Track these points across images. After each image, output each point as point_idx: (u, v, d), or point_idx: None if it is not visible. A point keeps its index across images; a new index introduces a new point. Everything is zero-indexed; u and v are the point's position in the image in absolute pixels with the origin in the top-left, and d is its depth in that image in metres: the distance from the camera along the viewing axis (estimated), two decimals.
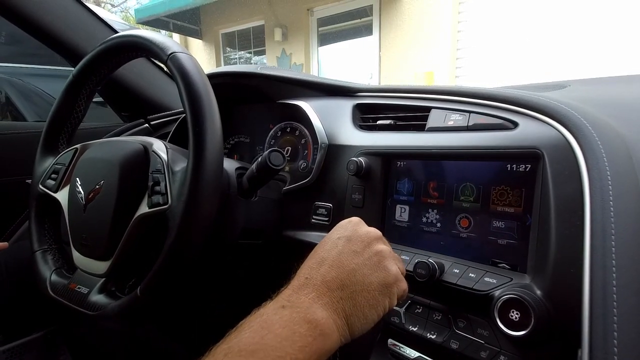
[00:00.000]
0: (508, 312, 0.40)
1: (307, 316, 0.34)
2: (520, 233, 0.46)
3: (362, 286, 0.38)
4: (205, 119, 0.49)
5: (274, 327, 0.32)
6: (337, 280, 0.37)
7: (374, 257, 0.40)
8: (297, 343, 0.32)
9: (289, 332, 0.32)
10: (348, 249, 0.40)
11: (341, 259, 0.39)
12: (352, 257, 0.39)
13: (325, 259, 0.40)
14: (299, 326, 0.33)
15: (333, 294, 0.37)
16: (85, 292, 0.57)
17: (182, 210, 0.48)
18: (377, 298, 0.38)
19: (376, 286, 0.38)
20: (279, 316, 0.33)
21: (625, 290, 0.33)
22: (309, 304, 0.35)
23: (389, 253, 0.42)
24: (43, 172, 0.67)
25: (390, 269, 0.40)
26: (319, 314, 0.35)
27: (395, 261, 0.42)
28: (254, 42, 6.30)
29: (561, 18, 3.61)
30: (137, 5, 9.28)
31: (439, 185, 0.55)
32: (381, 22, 4.75)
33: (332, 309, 0.36)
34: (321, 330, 0.33)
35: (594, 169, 0.38)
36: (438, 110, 0.57)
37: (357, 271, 0.38)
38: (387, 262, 0.40)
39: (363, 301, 0.37)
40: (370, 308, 0.37)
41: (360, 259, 0.39)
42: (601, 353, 0.31)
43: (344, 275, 0.38)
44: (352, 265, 0.39)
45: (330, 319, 0.35)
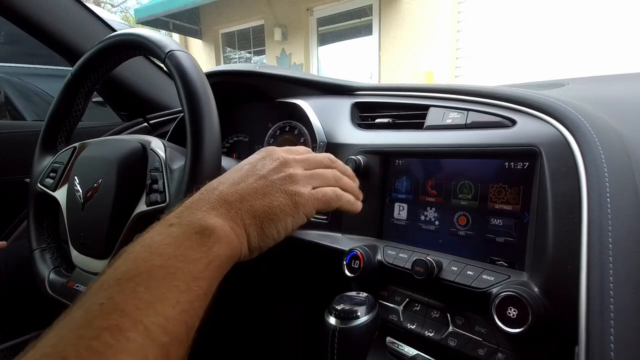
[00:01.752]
0: (506, 309, 0.40)
1: (199, 227, 0.31)
2: (518, 230, 0.46)
3: (263, 202, 0.36)
4: (203, 117, 0.49)
5: (159, 248, 0.28)
6: (236, 195, 0.35)
7: (280, 180, 0.38)
8: (189, 256, 0.28)
9: (177, 249, 0.29)
10: (252, 172, 0.39)
11: (243, 178, 0.37)
12: (256, 178, 0.38)
13: (225, 179, 0.37)
14: (190, 240, 0.30)
15: (230, 206, 0.34)
16: (84, 290, 0.57)
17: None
18: (278, 214, 0.36)
19: (278, 204, 0.36)
20: (165, 234, 0.30)
21: (621, 287, 0.33)
22: (200, 216, 0.32)
23: (302, 177, 0.40)
24: (41, 171, 0.67)
25: (299, 191, 0.38)
26: (214, 221, 0.32)
27: (310, 185, 0.40)
28: (254, 42, 6.30)
29: (560, 18, 3.61)
30: (136, 5, 9.30)
31: (437, 183, 0.55)
32: (381, 21, 4.76)
33: (229, 218, 0.33)
34: (217, 237, 0.31)
35: (592, 166, 0.38)
36: (436, 108, 0.57)
37: (259, 190, 0.37)
38: (295, 185, 0.38)
39: (263, 215, 0.35)
40: (270, 222, 0.36)
41: (264, 181, 0.37)
42: (598, 350, 0.31)
43: (242, 191, 0.36)
44: (254, 185, 0.37)
45: (227, 226, 0.32)
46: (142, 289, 0.25)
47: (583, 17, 3.48)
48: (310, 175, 0.41)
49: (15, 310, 0.91)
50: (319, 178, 0.41)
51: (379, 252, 0.55)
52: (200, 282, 0.28)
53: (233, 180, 0.37)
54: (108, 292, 0.25)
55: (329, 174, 0.43)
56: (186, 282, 0.27)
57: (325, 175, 0.42)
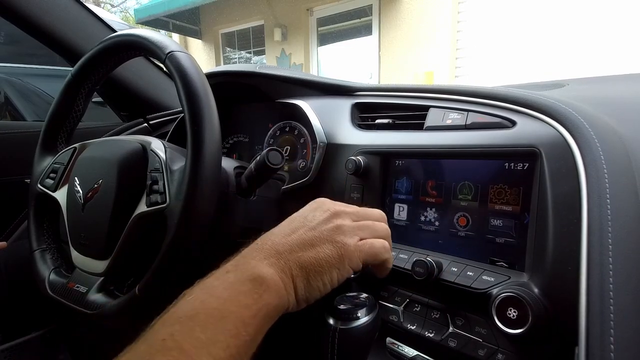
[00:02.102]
0: (506, 310, 0.40)
1: (251, 275, 0.33)
2: (518, 231, 0.46)
3: (310, 253, 0.37)
4: (204, 118, 0.49)
5: (216, 291, 0.31)
6: (286, 246, 0.37)
7: (329, 231, 0.39)
8: (241, 302, 0.30)
9: (232, 293, 0.31)
10: (303, 224, 0.40)
11: (294, 230, 0.39)
12: (306, 229, 0.39)
13: (278, 231, 0.39)
14: (243, 285, 0.32)
15: (281, 256, 0.36)
16: (84, 291, 0.57)
17: (180, 209, 0.48)
18: (324, 267, 0.37)
19: (324, 255, 0.37)
20: (222, 280, 0.32)
21: (621, 288, 0.33)
22: (254, 264, 0.34)
23: (350, 228, 0.41)
24: (42, 172, 0.67)
25: (346, 242, 0.39)
26: (265, 270, 0.34)
27: (358, 236, 0.41)
28: (254, 42, 6.30)
29: (560, 18, 3.61)
30: (136, 5, 9.29)
31: (438, 184, 0.55)
32: (381, 22, 4.76)
33: (279, 268, 0.35)
34: (267, 286, 0.32)
35: (592, 167, 0.38)
36: (436, 109, 0.57)
37: (307, 240, 0.38)
38: (342, 236, 0.39)
39: (309, 266, 0.36)
40: (316, 274, 0.37)
41: (314, 232, 0.39)
42: (598, 350, 0.31)
43: (293, 243, 0.38)
44: (304, 236, 0.38)
45: (276, 276, 0.34)
46: (198, 329, 0.27)
47: (583, 17, 3.48)
48: (358, 226, 0.41)
49: (15, 311, 0.91)
50: (367, 230, 0.42)
51: None
52: (249, 328, 0.30)
53: (285, 232, 0.39)
54: (169, 329, 0.27)
55: (378, 226, 0.43)
56: (237, 327, 0.29)
57: (375, 227, 0.43)
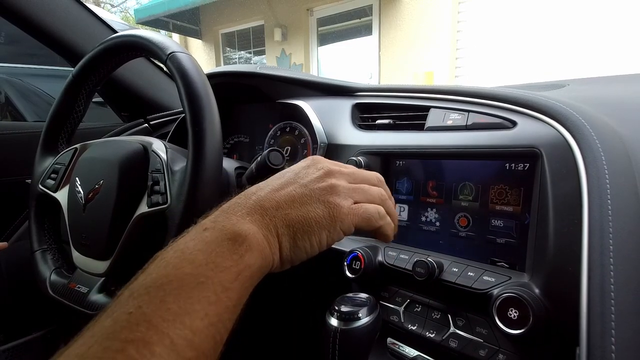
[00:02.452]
0: (507, 310, 0.40)
1: (231, 233, 0.29)
2: (519, 232, 0.46)
3: (299, 211, 0.34)
4: (205, 118, 0.49)
5: (190, 254, 0.27)
6: (273, 201, 0.34)
7: (321, 190, 0.36)
8: (219, 264, 0.27)
9: (209, 255, 0.28)
10: (294, 180, 0.37)
11: (283, 185, 0.36)
12: (297, 186, 0.36)
13: (265, 185, 0.36)
14: (221, 246, 0.28)
15: (266, 212, 0.33)
16: (85, 291, 0.57)
17: (181, 209, 0.48)
18: (313, 227, 0.34)
19: (315, 215, 0.34)
20: (198, 239, 0.29)
21: (622, 288, 0.33)
22: (235, 221, 0.31)
23: (344, 189, 0.37)
24: (43, 172, 0.67)
25: (339, 203, 0.36)
26: (247, 227, 0.30)
27: (352, 199, 0.37)
28: (254, 42, 6.30)
29: (560, 18, 3.61)
30: (136, 5, 9.30)
31: (438, 184, 0.55)
32: (381, 22, 4.76)
33: (264, 225, 0.32)
34: (249, 245, 0.29)
35: (592, 167, 0.38)
36: (437, 109, 0.57)
37: (296, 198, 0.35)
38: (335, 196, 0.36)
39: (297, 225, 0.33)
40: (304, 234, 0.34)
41: (304, 189, 0.36)
42: (599, 351, 0.31)
43: (279, 198, 0.34)
44: (293, 192, 0.35)
45: (260, 234, 0.31)
46: (170, 299, 0.24)
47: (583, 17, 3.48)
48: (353, 188, 0.38)
49: (16, 311, 0.91)
50: (363, 193, 0.39)
51: (380, 253, 0.55)
52: (230, 293, 0.27)
53: (273, 187, 0.36)
54: (137, 300, 0.24)
55: (374, 191, 0.40)
56: (216, 292, 0.26)
57: (371, 191, 0.39)
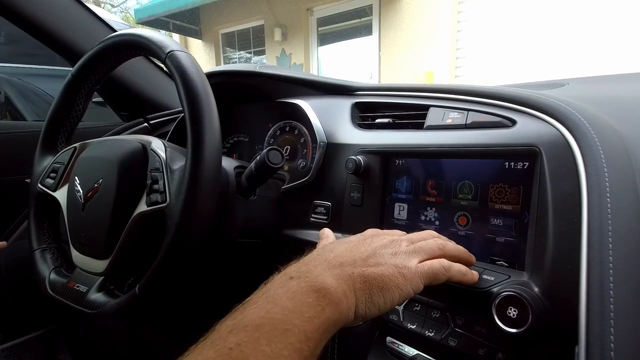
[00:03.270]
0: (506, 309, 0.40)
1: (315, 285, 0.33)
2: (519, 230, 0.46)
3: (375, 269, 0.37)
4: (204, 117, 0.49)
5: (280, 300, 0.31)
6: (350, 259, 0.37)
7: (389, 255, 0.39)
8: (305, 314, 0.30)
9: (296, 304, 0.31)
10: (363, 243, 0.41)
11: (356, 246, 0.39)
12: (367, 248, 0.39)
13: (341, 242, 0.40)
14: (307, 296, 0.32)
15: (344, 268, 0.36)
16: (84, 290, 0.57)
17: (180, 208, 0.48)
18: (388, 284, 0.36)
19: (388, 274, 0.37)
20: (286, 288, 0.32)
21: (622, 287, 0.33)
22: (318, 273, 0.34)
23: (408, 251, 0.41)
24: (42, 171, 0.67)
25: (406, 264, 0.39)
26: (329, 282, 0.33)
27: (417, 258, 0.40)
28: (254, 42, 6.29)
29: (560, 17, 3.61)
30: (136, 5, 9.30)
31: (438, 183, 0.55)
32: (381, 22, 4.75)
33: (343, 279, 0.35)
34: (330, 299, 0.32)
35: (592, 166, 0.38)
36: (436, 108, 0.57)
37: (371, 257, 0.38)
38: (402, 260, 0.39)
39: (373, 282, 0.36)
40: (379, 291, 0.36)
41: (375, 254, 0.39)
42: (598, 349, 0.31)
43: (357, 256, 0.37)
44: (368, 250, 0.39)
45: (340, 289, 0.34)
46: (264, 342, 0.27)
47: (583, 17, 3.48)
48: (414, 249, 0.41)
49: (15, 310, 0.91)
50: (423, 251, 0.42)
51: None
52: (310, 342, 0.30)
53: (347, 246, 0.40)
54: (236, 338, 0.28)
55: (432, 244, 0.43)
56: (300, 341, 0.29)
57: (429, 246, 0.43)
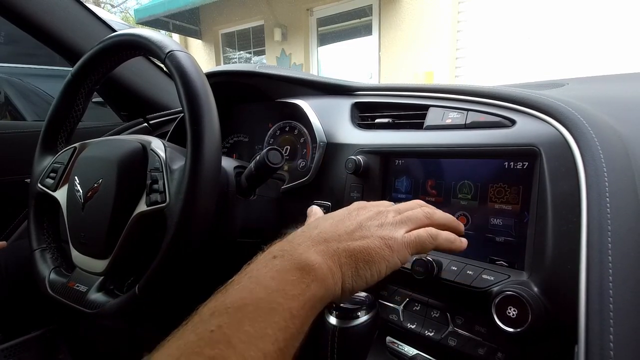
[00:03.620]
0: (505, 309, 0.40)
1: (299, 262, 0.32)
2: (518, 230, 0.46)
3: (360, 242, 0.36)
4: (203, 117, 0.49)
5: (264, 280, 0.31)
6: (335, 234, 0.37)
7: (375, 227, 0.39)
8: (289, 292, 0.30)
9: (280, 282, 0.30)
10: (347, 218, 0.40)
11: (341, 220, 0.39)
12: (353, 222, 0.39)
13: (324, 219, 0.39)
14: (291, 274, 0.31)
15: (329, 244, 0.36)
16: (84, 290, 0.57)
17: (180, 208, 0.48)
18: (374, 257, 0.36)
19: (374, 246, 0.37)
20: (270, 267, 0.32)
21: (621, 286, 0.33)
22: (302, 250, 0.34)
23: (395, 222, 0.40)
24: (42, 171, 0.67)
25: (392, 235, 0.38)
26: (313, 258, 0.33)
27: (403, 229, 0.40)
28: (254, 42, 6.29)
29: (560, 18, 3.61)
30: (136, 6, 9.29)
31: (437, 183, 0.55)
32: (381, 22, 4.75)
33: (328, 255, 0.35)
34: (315, 275, 0.32)
35: (591, 165, 0.38)
36: (436, 108, 0.57)
37: (357, 230, 0.38)
38: (389, 231, 0.39)
39: (359, 255, 0.36)
40: (365, 264, 0.36)
41: (361, 227, 0.38)
42: (597, 349, 0.31)
43: (342, 231, 0.37)
44: (351, 227, 0.38)
45: (325, 265, 0.33)
46: (247, 322, 0.27)
47: (583, 17, 3.48)
48: (401, 219, 0.41)
49: (15, 310, 0.91)
50: (410, 220, 0.41)
51: None
52: (296, 320, 0.29)
53: (332, 221, 0.39)
54: (218, 320, 0.27)
55: (418, 213, 0.42)
56: (285, 319, 0.29)
57: (415, 215, 0.42)
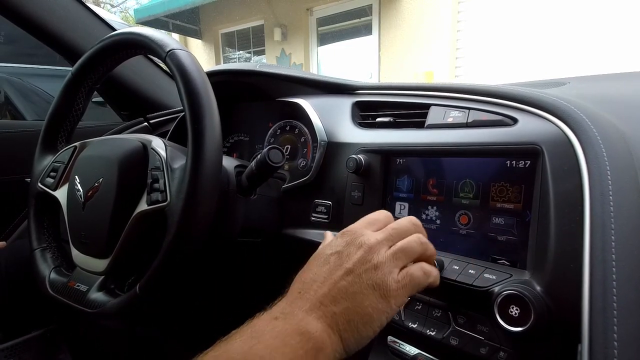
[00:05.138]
0: (508, 308, 0.40)
1: (300, 328, 0.33)
2: (520, 229, 0.46)
3: (354, 303, 0.36)
4: (204, 116, 0.49)
5: (264, 338, 0.32)
6: (329, 297, 0.36)
7: (367, 272, 0.38)
8: (287, 355, 0.31)
9: (279, 343, 0.31)
10: (339, 265, 0.39)
11: (333, 276, 0.38)
12: (344, 274, 0.38)
13: (317, 275, 0.39)
14: (291, 338, 0.32)
15: (327, 308, 0.36)
16: (85, 290, 0.56)
17: (180, 207, 0.48)
18: (373, 316, 0.36)
19: (370, 303, 0.36)
20: (271, 327, 0.33)
21: (625, 285, 0.32)
22: (302, 315, 0.35)
23: (388, 261, 0.39)
24: (42, 170, 0.67)
25: (387, 283, 0.37)
26: (313, 325, 0.34)
27: (397, 267, 0.39)
28: (254, 42, 6.30)
29: (560, 17, 3.61)
30: (136, 5, 9.30)
31: (439, 182, 0.55)
32: (381, 21, 4.75)
33: (326, 322, 0.35)
34: (314, 343, 0.33)
35: (594, 164, 0.38)
36: (437, 107, 0.57)
37: (349, 288, 0.37)
38: (382, 274, 0.38)
39: (357, 317, 0.36)
40: (365, 324, 0.36)
41: (351, 277, 0.37)
42: (601, 347, 0.31)
43: (335, 292, 0.37)
44: (343, 282, 0.37)
45: (324, 333, 0.34)
46: None
47: (583, 16, 3.48)
48: (394, 254, 0.39)
49: (15, 310, 0.91)
50: (403, 254, 0.40)
51: None
52: None
53: (323, 274, 0.38)
54: None
55: (413, 244, 0.41)
56: None
57: (410, 246, 0.41)
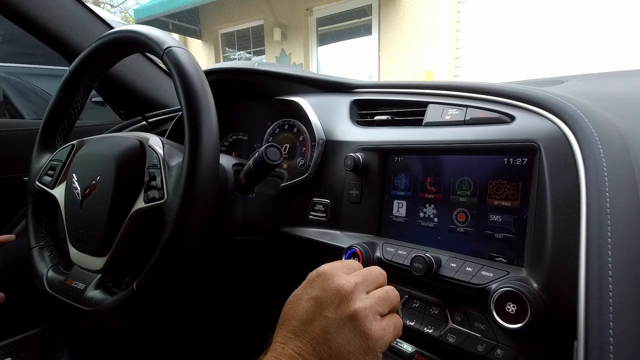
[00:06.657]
0: (504, 305, 0.40)
1: None
2: (517, 227, 0.46)
3: (339, 357, 0.35)
4: (201, 113, 0.49)
5: None
6: (313, 354, 0.36)
7: (348, 323, 0.36)
8: None
9: None
10: (319, 314, 0.37)
11: (313, 329, 0.37)
12: (325, 324, 0.36)
13: (297, 329, 0.37)
14: None
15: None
16: (82, 288, 0.56)
17: (178, 204, 0.48)
18: None
19: (353, 349, 0.36)
20: None
21: (621, 281, 0.32)
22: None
23: (367, 309, 0.38)
24: (40, 169, 0.67)
25: (369, 331, 0.36)
26: None
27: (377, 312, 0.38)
28: (253, 42, 6.29)
29: (559, 16, 3.61)
30: (136, 6, 9.30)
31: (436, 180, 0.54)
32: (380, 21, 4.75)
33: None
34: None
35: (590, 160, 0.38)
36: (435, 105, 0.57)
37: (332, 342, 0.36)
38: (363, 324, 0.37)
39: None
40: None
41: (333, 328, 0.36)
42: (597, 343, 0.31)
43: (319, 348, 0.36)
44: (325, 336, 0.36)
45: None
46: None
47: (582, 15, 3.48)
48: (374, 304, 0.39)
49: (13, 308, 0.91)
50: (383, 302, 0.40)
51: (378, 249, 0.55)
52: None
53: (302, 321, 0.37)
54: None
55: (392, 295, 0.41)
56: None
57: (389, 298, 0.40)
